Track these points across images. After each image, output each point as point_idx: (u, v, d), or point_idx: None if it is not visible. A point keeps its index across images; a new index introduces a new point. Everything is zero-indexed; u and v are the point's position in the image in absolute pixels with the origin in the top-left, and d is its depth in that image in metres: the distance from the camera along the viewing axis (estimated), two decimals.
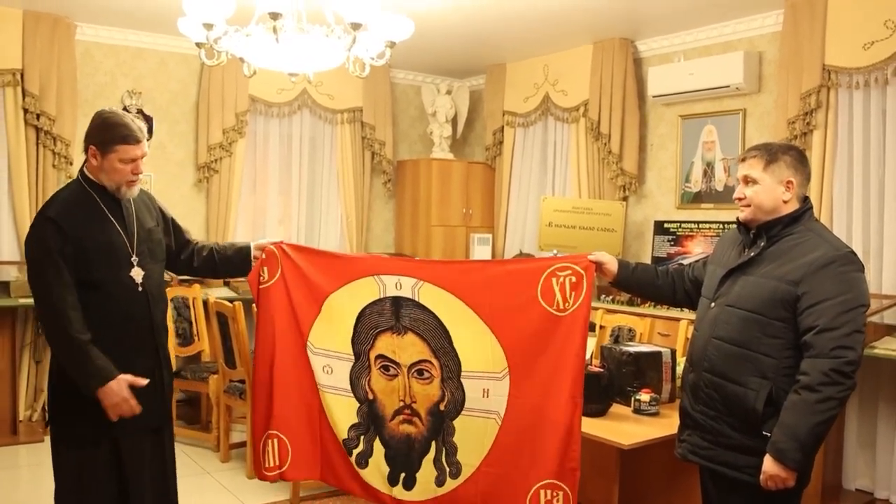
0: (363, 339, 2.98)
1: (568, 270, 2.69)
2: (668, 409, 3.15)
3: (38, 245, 2.58)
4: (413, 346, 2.91)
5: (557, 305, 2.68)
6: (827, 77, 4.85)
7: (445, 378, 2.87)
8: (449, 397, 2.87)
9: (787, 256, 2.41)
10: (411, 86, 7.76)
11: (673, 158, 6.02)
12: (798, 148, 2.58)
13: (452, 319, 2.83)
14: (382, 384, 2.97)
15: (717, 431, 2.48)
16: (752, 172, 2.49)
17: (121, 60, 6.18)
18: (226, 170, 6.53)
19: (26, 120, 5.59)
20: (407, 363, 2.92)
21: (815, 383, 2.26)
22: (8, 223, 5.71)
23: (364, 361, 2.98)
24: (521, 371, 2.75)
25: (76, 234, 2.59)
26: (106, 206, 2.70)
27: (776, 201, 2.46)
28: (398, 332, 2.92)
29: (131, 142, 2.64)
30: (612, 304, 5.80)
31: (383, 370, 2.96)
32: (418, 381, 2.92)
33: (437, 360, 2.87)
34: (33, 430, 5.42)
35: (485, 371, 2.79)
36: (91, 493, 2.66)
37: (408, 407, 2.93)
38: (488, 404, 2.79)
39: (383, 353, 2.95)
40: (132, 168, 2.67)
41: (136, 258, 2.73)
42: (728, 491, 2.51)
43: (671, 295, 2.87)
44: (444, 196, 7.31)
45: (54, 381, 2.70)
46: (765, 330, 2.39)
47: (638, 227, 6.27)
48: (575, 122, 6.54)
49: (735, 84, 5.39)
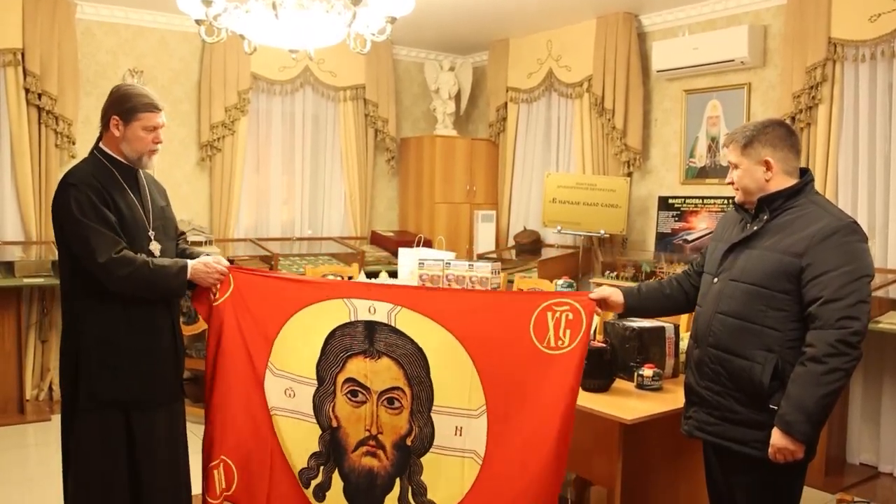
0: (331, 362, 2.76)
1: (565, 306, 2.51)
2: (671, 384, 3.15)
3: (72, 208, 2.60)
4: (388, 372, 2.69)
5: (548, 343, 2.49)
6: (833, 50, 4.81)
7: (414, 411, 2.66)
8: (417, 432, 2.66)
9: (790, 229, 2.40)
10: (414, 62, 7.72)
11: (677, 133, 5.99)
12: (779, 122, 2.56)
13: (432, 347, 2.62)
14: (347, 411, 2.75)
15: (723, 407, 2.47)
16: (731, 157, 2.53)
17: (122, 39, 6.15)
18: (228, 148, 6.52)
19: (28, 100, 5.57)
20: (378, 389, 2.70)
21: (822, 355, 2.25)
22: (12, 204, 5.70)
23: (329, 386, 2.77)
24: (500, 410, 2.54)
25: (104, 199, 2.64)
26: (124, 181, 2.75)
27: (758, 182, 2.47)
28: (372, 357, 2.70)
29: (154, 109, 2.72)
30: (616, 280, 5.79)
31: (350, 396, 2.74)
32: (387, 411, 2.70)
33: (409, 388, 2.66)
34: (40, 410, 5.45)
35: (458, 407, 2.59)
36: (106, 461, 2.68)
37: (373, 438, 2.72)
38: (462, 443, 2.59)
39: (354, 376, 2.73)
40: (153, 137, 2.74)
41: (153, 232, 2.79)
42: (734, 466, 2.52)
43: (684, 299, 2.79)
44: (447, 173, 7.28)
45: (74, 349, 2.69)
46: (769, 303, 2.38)
47: (642, 203, 6.25)
48: (579, 98, 6.51)
49: (740, 58, 5.35)
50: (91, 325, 2.67)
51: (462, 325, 2.59)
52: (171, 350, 2.83)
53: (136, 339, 2.70)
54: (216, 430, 2.87)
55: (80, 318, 2.68)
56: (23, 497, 4.04)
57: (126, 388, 2.69)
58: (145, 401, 2.74)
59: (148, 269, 2.63)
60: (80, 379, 2.67)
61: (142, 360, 2.71)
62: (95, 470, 2.69)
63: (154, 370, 2.75)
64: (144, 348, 2.72)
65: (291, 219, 7.13)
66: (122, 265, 2.60)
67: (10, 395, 5.33)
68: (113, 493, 2.69)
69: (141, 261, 2.63)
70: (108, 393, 2.67)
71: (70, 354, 2.71)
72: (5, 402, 5.30)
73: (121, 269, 2.60)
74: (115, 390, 2.67)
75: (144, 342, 2.72)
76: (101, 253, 2.58)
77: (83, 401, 2.67)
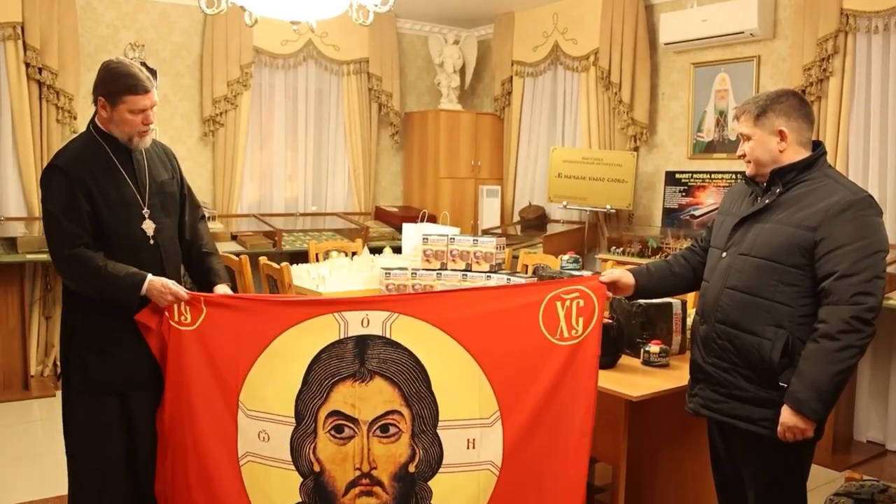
0: (314, 392, 2.48)
1: (575, 293, 2.41)
2: (677, 360, 3.11)
3: (47, 193, 2.57)
4: (379, 395, 2.47)
5: (561, 334, 2.39)
6: (845, 21, 4.73)
7: (417, 433, 2.45)
8: (421, 455, 2.46)
9: (803, 202, 2.35)
10: (418, 36, 7.63)
11: (685, 107, 5.91)
12: (792, 92, 2.50)
13: (432, 357, 2.44)
14: (332, 451, 2.48)
15: (730, 384, 2.43)
16: (744, 128, 2.46)
17: (122, 13, 6.08)
18: (231, 123, 6.47)
19: (28, 74, 5.51)
20: (368, 419, 2.47)
21: (835, 331, 2.21)
22: (14, 179, 5.66)
23: (309, 424, 2.48)
24: (515, 413, 2.40)
25: (86, 184, 2.57)
26: (116, 158, 2.67)
27: (772, 153, 2.41)
28: (361, 380, 2.47)
29: (139, 91, 2.59)
30: (622, 256, 5.75)
31: (334, 432, 2.48)
32: (381, 441, 2.47)
33: (408, 409, 2.46)
34: (45, 385, 5.45)
35: (469, 418, 2.43)
36: (104, 444, 2.66)
37: (366, 476, 2.47)
38: (476, 456, 2.43)
39: (339, 408, 2.47)
40: (142, 119, 2.63)
41: (148, 210, 2.71)
42: (741, 444, 2.48)
43: (692, 276, 2.73)
44: (452, 148, 7.22)
45: (68, 331, 2.68)
46: (781, 277, 2.33)
47: (649, 178, 6.18)
48: (585, 72, 6.44)
49: (749, 30, 5.26)
50: (83, 305, 2.63)
51: (465, 328, 2.44)
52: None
53: (127, 321, 2.63)
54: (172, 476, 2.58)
55: (73, 298, 2.65)
56: (29, 472, 4.04)
57: (121, 371, 2.64)
58: (141, 383, 2.68)
59: (98, 274, 2.53)
60: (74, 361, 2.65)
61: (136, 342, 2.65)
62: (93, 456, 2.66)
63: (146, 351, 2.67)
64: (136, 330, 2.65)
65: (295, 194, 7.09)
66: (72, 263, 2.55)
67: (14, 370, 5.32)
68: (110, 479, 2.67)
69: (94, 263, 2.53)
70: (102, 376, 2.63)
71: (65, 336, 2.69)
72: (10, 377, 5.30)
73: (71, 266, 2.56)
74: (108, 373, 2.63)
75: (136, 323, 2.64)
76: (58, 246, 2.55)
77: (77, 384, 2.65)
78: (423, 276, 3.77)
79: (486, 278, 3.68)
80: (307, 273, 4.45)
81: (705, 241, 2.70)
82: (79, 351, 2.64)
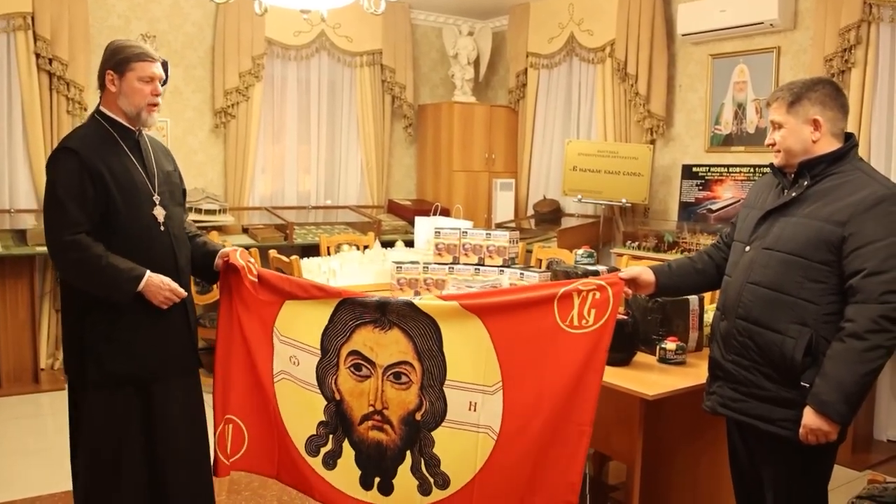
0: (338, 330, 2.69)
1: (592, 286, 2.42)
2: (694, 358, 3.05)
3: (54, 176, 2.53)
4: (395, 345, 2.63)
5: (571, 321, 2.41)
6: (868, 11, 4.63)
7: (426, 385, 2.59)
8: (427, 407, 2.60)
9: (832, 196, 2.26)
10: (432, 27, 7.56)
11: (702, 100, 5.82)
12: (828, 80, 2.41)
13: (449, 321, 2.57)
14: (350, 385, 2.69)
15: (750, 382, 2.35)
16: (776, 116, 2.38)
17: (134, 3, 6.04)
18: (243, 115, 6.43)
19: (39, 65, 5.48)
20: (384, 364, 2.64)
21: (863, 330, 2.13)
22: (24, 170, 5.65)
23: (332, 358, 2.71)
24: (516, 388, 2.48)
25: (97, 168, 2.53)
26: (125, 144, 2.64)
27: (805, 143, 2.33)
28: (382, 327, 2.64)
29: (146, 58, 2.61)
30: (638, 251, 5.68)
31: (353, 370, 2.68)
32: (393, 386, 2.64)
33: (419, 363, 2.60)
34: (55, 378, 5.43)
35: (473, 383, 2.53)
36: (120, 437, 2.61)
37: (378, 413, 2.67)
38: (476, 418, 2.54)
39: (358, 349, 2.67)
40: (151, 89, 2.62)
41: (158, 197, 2.68)
42: (760, 445, 2.41)
43: (716, 273, 2.65)
44: (466, 141, 7.16)
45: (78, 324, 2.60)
46: (807, 274, 2.25)
47: (665, 172, 6.09)
48: (601, 63, 6.37)
49: (769, 20, 5.16)
50: (93, 296, 2.56)
51: (485, 307, 2.53)
52: (182, 320, 2.74)
53: (145, 310, 2.59)
54: (226, 389, 2.84)
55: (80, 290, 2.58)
56: (39, 465, 4.02)
57: (138, 361, 2.60)
58: (159, 374, 2.65)
59: (98, 263, 2.48)
60: (87, 354, 2.58)
61: (152, 331, 2.62)
62: (108, 450, 2.60)
63: (166, 341, 2.67)
64: (154, 319, 2.62)
65: (307, 187, 7.04)
66: (72, 249, 2.48)
67: (24, 364, 5.32)
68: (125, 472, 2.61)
69: (95, 252, 2.49)
70: (119, 367, 2.57)
71: (74, 328, 2.62)
72: (20, 371, 5.30)
73: (70, 252, 2.49)
74: (125, 364, 2.58)
75: (153, 313, 2.61)
76: (58, 230, 2.49)
77: (93, 377, 2.58)
78: (435, 269, 3.71)
79: (498, 272, 3.61)
80: (318, 266, 4.40)
81: (730, 237, 2.62)
82: (93, 343, 2.58)
